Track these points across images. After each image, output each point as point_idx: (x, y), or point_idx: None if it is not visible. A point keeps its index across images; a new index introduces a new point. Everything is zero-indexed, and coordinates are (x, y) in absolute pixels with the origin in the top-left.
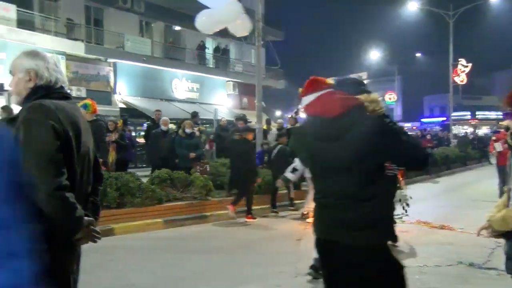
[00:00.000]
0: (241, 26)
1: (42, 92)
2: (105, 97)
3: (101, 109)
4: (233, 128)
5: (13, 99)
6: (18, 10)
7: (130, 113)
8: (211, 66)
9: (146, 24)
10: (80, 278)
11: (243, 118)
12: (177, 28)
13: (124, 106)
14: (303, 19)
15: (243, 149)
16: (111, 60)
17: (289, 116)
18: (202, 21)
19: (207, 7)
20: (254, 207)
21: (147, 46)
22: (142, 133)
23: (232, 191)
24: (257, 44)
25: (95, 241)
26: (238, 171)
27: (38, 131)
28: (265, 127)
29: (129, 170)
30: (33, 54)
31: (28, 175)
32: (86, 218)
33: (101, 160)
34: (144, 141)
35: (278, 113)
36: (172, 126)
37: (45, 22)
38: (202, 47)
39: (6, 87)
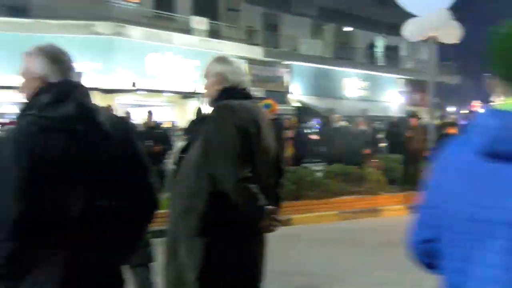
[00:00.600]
0: (450, 33)
1: (229, 94)
2: (281, 96)
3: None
4: (405, 124)
5: (205, 101)
6: (209, 22)
7: (304, 111)
8: (381, 64)
9: (318, 26)
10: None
11: (415, 115)
12: (348, 29)
13: (298, 104)
14: (478, 11)
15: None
16: (286, 62)
17: (467, 111)
18: (410, 29)
19: (414, 16)
20: None
21: (319, 48)
22: (315, 130)
23: (405, 186)
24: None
25: (276, 230)
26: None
27: (224, 129)
28: (438, 122)
29: (304, 164)
30: (222, 60)
31: (215, 168)
32: (268, 207)
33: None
34: (318, 138)
35: (451, 108)
36: (344, 123)
37: (229, 31)
38: (372, 46)
39: (200, 90)
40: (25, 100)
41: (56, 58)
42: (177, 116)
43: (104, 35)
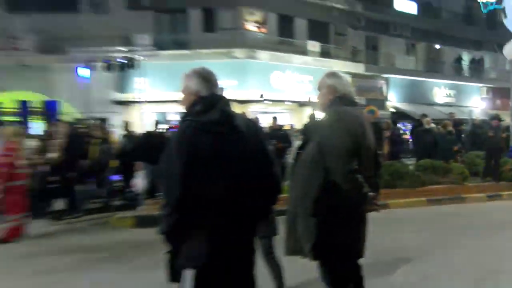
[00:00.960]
0: None
1: (338, 102)
2: (379, 104)
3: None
4: (488, 126)
5: (318, 108)
6: (320, 45)
7: (399, 115)
8: (466, 75)
9: (411, 45)
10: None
11: (497, 117)
12: (437, 46)
13: (394, 110)
14: None
15: (497, 144)
16: (384, 76)
17: None
18: (510, 48)
19: None
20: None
21: (412, 63)
22: (408, 131)
23: (486, 178)
24: None
25: (377, 211)
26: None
27: (337, 130)
28: None
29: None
30: (332, 75)
31: (330, 162)
32: (370, 193)
33: (379, 152)
34: (410, 137)
35: None
36: (433, 125)
37: (337, 51)
38: (459, 60)
39: (313, 99)
40: (184, 110)
41: (206, 77)
42: (295, 120)
43: (240, 59)
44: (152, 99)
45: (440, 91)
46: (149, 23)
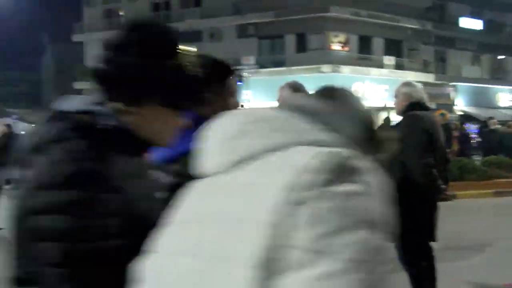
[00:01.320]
0: None
1: (413, 107)
2: (448, 108)
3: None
4: None
5: (395, 112)
6: (395, 59)
7: (466, 118)
8: None
9: (477, 56)
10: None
11: None
12: (501, 57)
13: (461, 113)
14: None
15: None
16: (452, 83)
17: None
18: None
19: None
20: None
21: (477, 72)
22: (474, 132)
23: None
24: None
25: (448, 200)
26: None
27: (414, 131)
28: None
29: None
30: (407, 84)
31: (408, 158)
32: (442, 186)
33: (448, 149)
34: (477, 136)
35: None
36: (498, 126)
37: (410, 64)
38: None
39: (388, 105)
40: None
41: (297, 88)
42: None
43: (326, 73)
44: (255, 106)
45: (504, 96)
46: (254, 47)
